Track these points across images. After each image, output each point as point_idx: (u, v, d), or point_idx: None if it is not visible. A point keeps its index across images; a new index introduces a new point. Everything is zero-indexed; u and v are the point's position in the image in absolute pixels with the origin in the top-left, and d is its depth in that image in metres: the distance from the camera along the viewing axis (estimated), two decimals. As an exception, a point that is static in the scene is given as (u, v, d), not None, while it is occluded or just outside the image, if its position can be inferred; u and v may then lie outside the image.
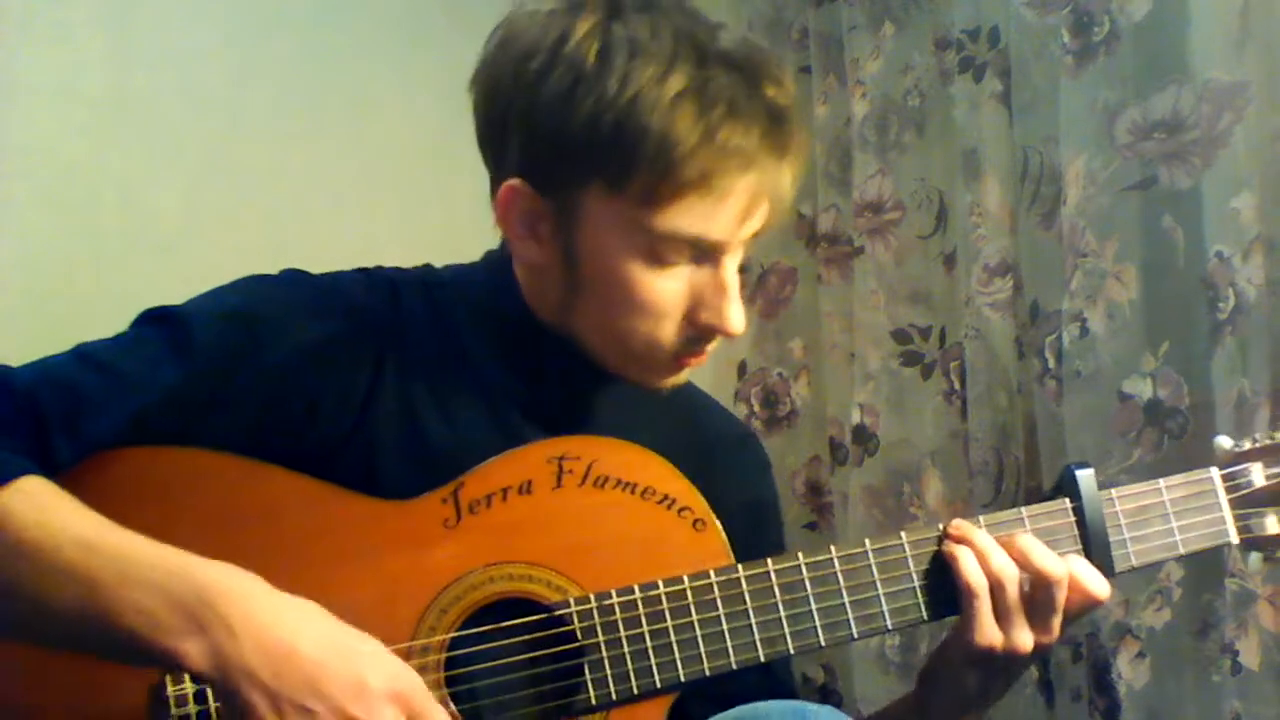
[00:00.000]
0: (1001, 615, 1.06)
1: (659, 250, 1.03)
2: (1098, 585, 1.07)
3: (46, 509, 0.95)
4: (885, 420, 2.22)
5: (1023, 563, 1.06)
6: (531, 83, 1.02)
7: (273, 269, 1.14)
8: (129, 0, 1.92)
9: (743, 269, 2.74)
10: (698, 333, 1.08)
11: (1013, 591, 1.05)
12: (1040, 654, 1.08)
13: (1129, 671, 1.81)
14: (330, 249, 1.18)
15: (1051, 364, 1.94)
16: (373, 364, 1.10)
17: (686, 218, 1.01)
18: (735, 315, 1.06)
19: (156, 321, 1.08)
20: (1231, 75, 1.71)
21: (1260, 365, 1.68)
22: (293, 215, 2.00)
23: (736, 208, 1.03)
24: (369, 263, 1.21)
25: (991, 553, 1.06)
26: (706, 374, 1.29)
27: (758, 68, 1.03)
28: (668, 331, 1.07)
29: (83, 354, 1.05)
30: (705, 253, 1.05)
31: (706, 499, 1.12)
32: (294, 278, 1.13)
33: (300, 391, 1.07)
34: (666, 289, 1.05)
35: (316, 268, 1.17)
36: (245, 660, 0.90)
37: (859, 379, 2.25)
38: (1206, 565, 1.76)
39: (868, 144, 2.25)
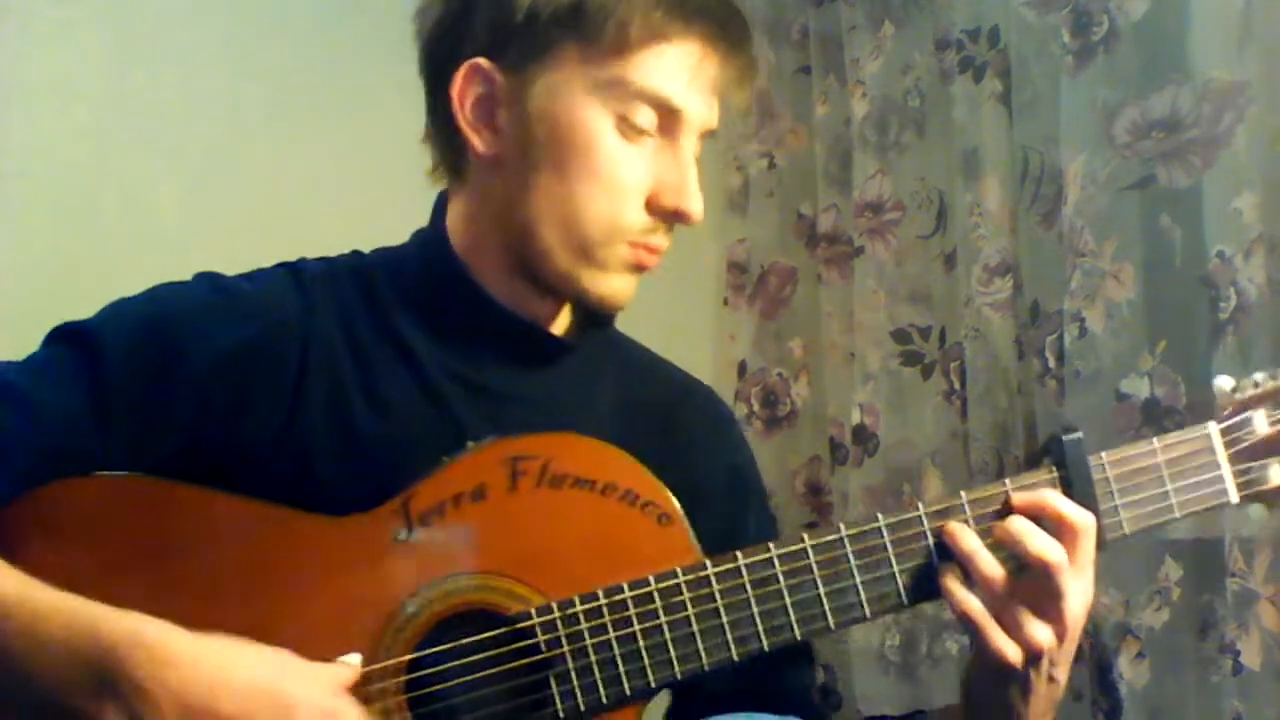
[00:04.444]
0: (1006, 623, 1.00)
1: (627, 112, 1.06)
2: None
3: None
4: (885, 420, 2.22)
5: (1014, 548, 1.00)
6: None
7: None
8: (129, 0, 1.92)
9: (743, 269, 2.74)
10: (657, 218, 1.09)
11: (1006, 595, 1.00)
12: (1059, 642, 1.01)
13: (1130, 671, 1.81)
14: (329, 249, 1.17)
15: (1052, 364, 1.94)
16: (297, 362, 1.07)
17: (656, 72, 1.06)
18: (695, 197, 1.08)
19: (66, 340, 1.04)
20: (1232, 75, 1.71)
21: (1262, 364, 1.67)
22: (292, 215, 2.00)
23: (703, 74, 1.07)
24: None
25: (976, 558, 1.01)
26: (707, 374, 1.28)
27: None
28: (628, 213, 1.07)
29: None
30: (669, 123, 1.07)
31: (673, 466, 1.08)
32: (206, 281, 1.10)
33: (221, 399, 1.04)
34: (631, 163, 1.07)
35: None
36: None
37: (859, 379, 2.25)
38: (1207, 565, 1.76)
39: (868, 144, 2.25)
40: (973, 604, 1.01)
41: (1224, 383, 1.09)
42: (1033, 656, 1.00)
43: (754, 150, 2.48)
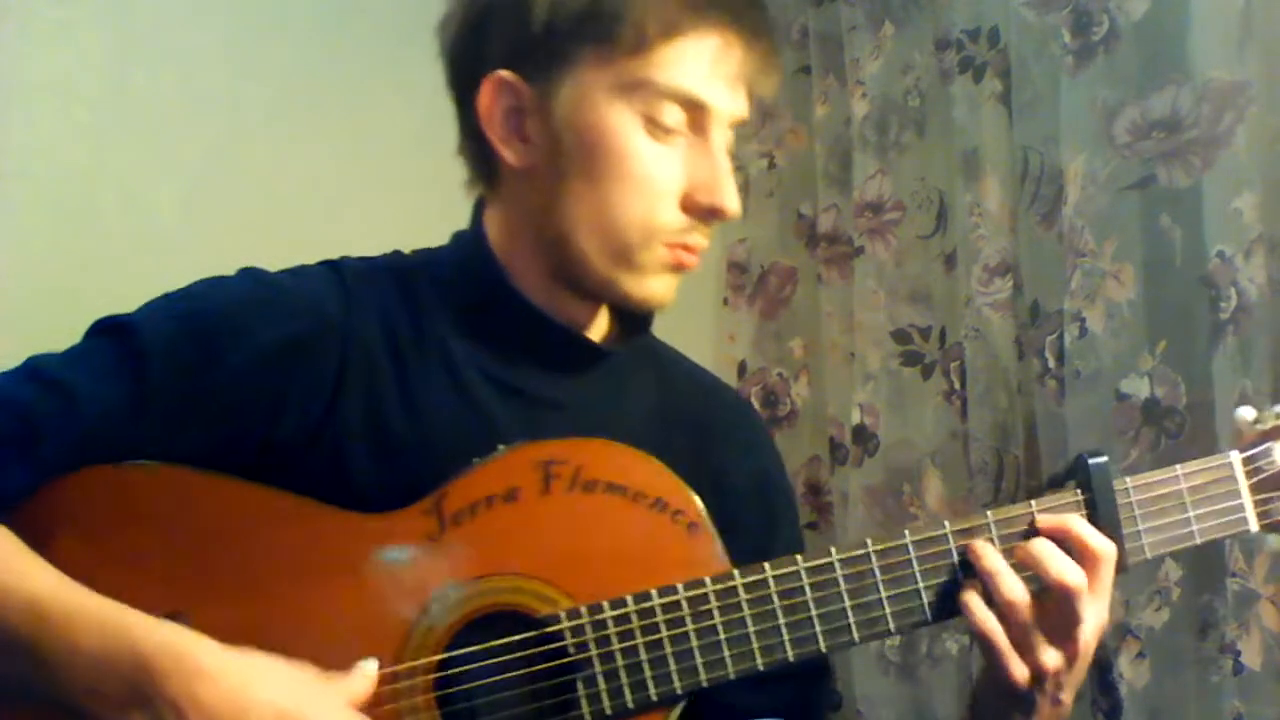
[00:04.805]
0: (1020, 643, 1.01)
1: (654, 113, 1.06)
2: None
3: None
4: (885, 420, 2.22)
5: (1035, 570, 1.01)
6: None
7: (272, 269, 1.13)
8: (129, 0, 1.92)
9: (743, 269, 2.74)
10: (694, 216, 1.09)
11: (1025, 616, 1.00)
12: (1071, 664, 1.02)
13: (1130, 671, 1.81)
14: (330, 249, 1.17)
15: (1052, 364, 1.94)
16: (337, 360, 1.07)
17: (677, 67, 1.05)
18: (730, 193, 1.08)
19: (109, 333, 1.05)
20: (1232, 75, 1.71)
21: (1262, 365, 1.68)
22: (292, 215, 2.00)
23: (726, 65, 1.07)
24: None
25: (999, 577, 1.01)
26: (706, 374, 1.30)
27: None
28: (663, 213, 1.07)
29: (35, 371, 1.02)
30: (697, 119, 1.07)
31: (705, 472, 1.08)
32: (250, 277, 1.11)
33: (261, 396, 1.04)
34: (662, 163, 1.07)
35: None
36: None
37: (859, 379, 2.25)
38: (1206, 565, 1.76)
39: (868, 144, 2.25)
40: (991, 624, 1.01)
41: (1246, 413, 1.12)
42: (1039, 678, 1.01)
43: (754, 150, 2.48)
